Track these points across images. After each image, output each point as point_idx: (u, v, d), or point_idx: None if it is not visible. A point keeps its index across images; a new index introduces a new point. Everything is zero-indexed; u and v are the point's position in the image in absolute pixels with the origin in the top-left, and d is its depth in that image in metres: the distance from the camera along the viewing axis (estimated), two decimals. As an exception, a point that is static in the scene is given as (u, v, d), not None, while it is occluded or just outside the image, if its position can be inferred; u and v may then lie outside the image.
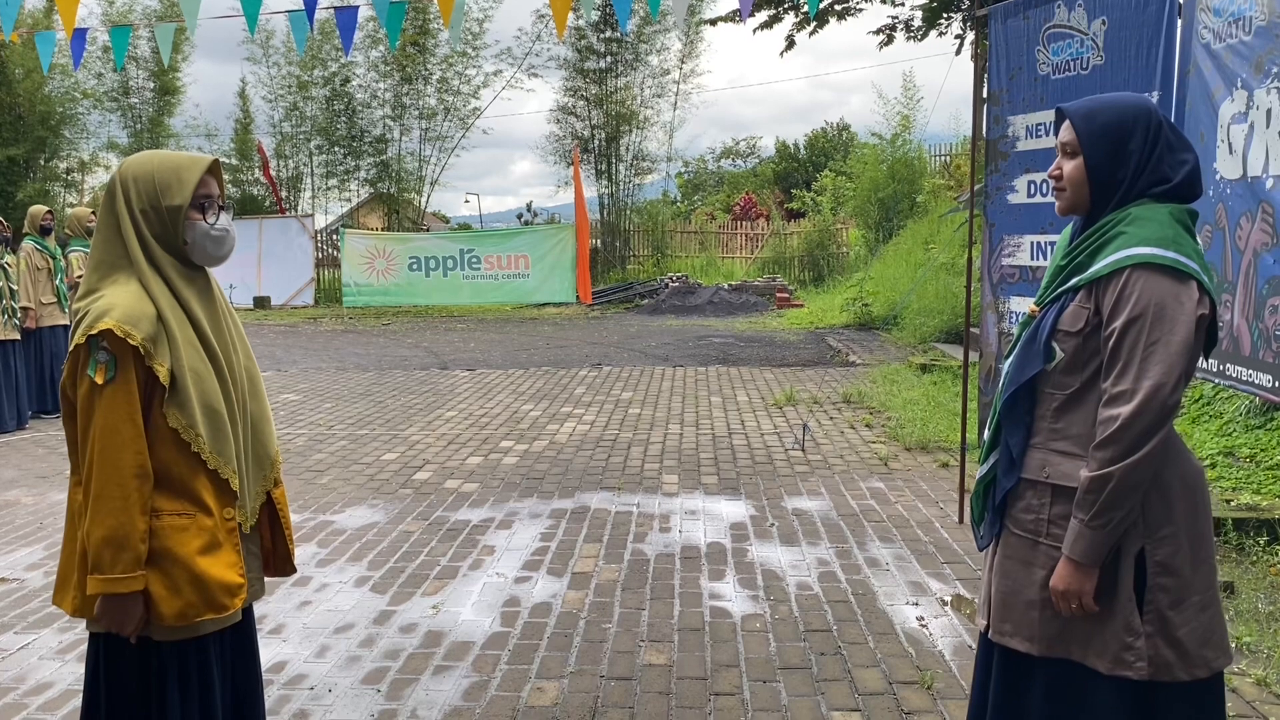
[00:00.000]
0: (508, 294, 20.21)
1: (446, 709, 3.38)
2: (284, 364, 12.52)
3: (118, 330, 2.11)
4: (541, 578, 4.64)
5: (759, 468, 6.68)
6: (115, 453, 2.11)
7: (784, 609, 4.21)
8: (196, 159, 2.33)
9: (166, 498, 2.18)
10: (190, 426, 2.18)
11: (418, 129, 23.54)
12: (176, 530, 2.17)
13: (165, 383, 2.16)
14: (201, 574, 2.17)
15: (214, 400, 2.24)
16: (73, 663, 3.77)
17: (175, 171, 2.28)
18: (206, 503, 2.22)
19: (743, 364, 11.85)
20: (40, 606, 4.34)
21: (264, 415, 2.44)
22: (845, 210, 22.52)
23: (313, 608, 4.31)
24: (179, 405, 2.18)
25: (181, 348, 2.20)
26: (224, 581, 2.21)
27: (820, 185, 24.64)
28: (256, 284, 20.98)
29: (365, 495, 6.14)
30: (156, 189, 2.26)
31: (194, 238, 2.30)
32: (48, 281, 8.78)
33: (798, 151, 41.87)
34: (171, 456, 2.18)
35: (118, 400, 2.12)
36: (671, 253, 23.86)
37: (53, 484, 6.53)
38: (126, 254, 2.24)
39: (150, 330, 2.16)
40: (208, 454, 2.20)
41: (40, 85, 22.72)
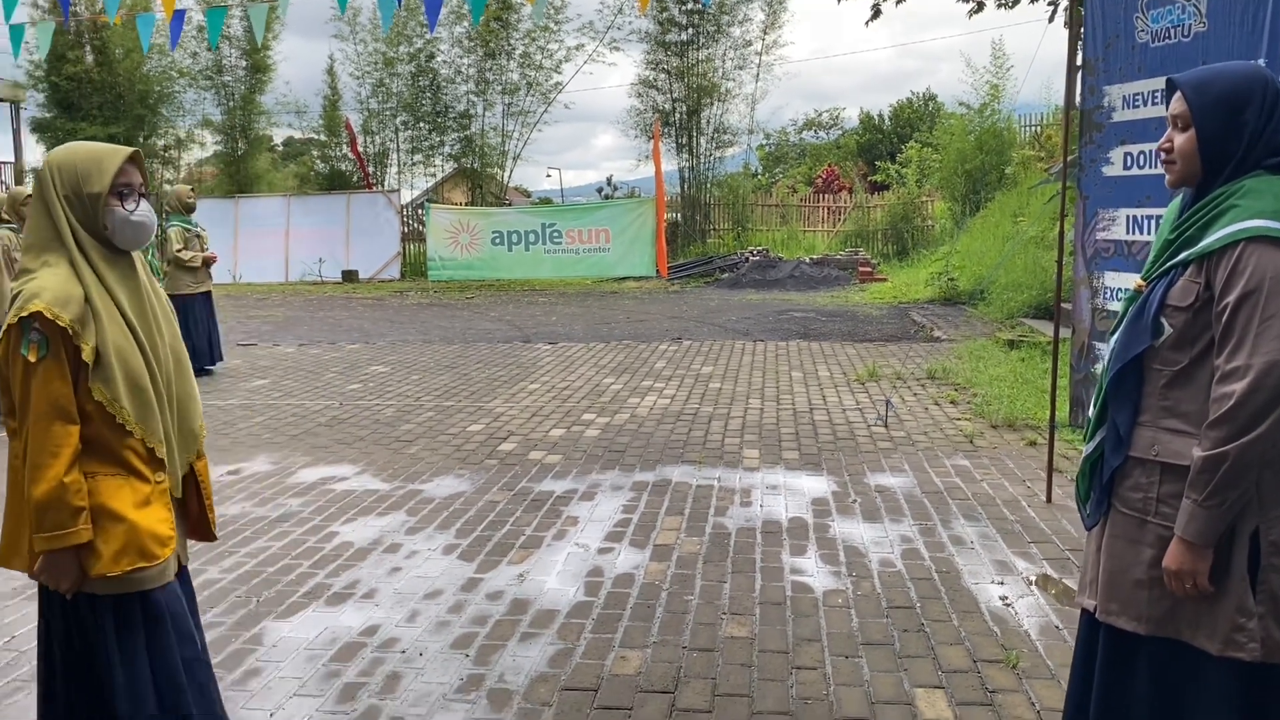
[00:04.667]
0: (588, 268, 20.32)
1: (533, 675, 3.46)
2: (372, 337, 12.81)
3: (47, 312, 2.28)
4: (624, 549, 4.70)
5: (841, 443, 6.64)
6: (48, 424, 2.29)
7: (866, 585, 4.20)
8: (116, 150, 2.49)
9: (100, 462, 2.39)
10: (115, 400, 2.36)
11: (500, 104, 23.74)
12: (112, 488, 2.38)
13: (89, 360, 2.33)
14: (134, 524, 2.37)
15: (138, 376, 2.42)
16: (179, 621, 3.94)
17: (96, 161, 2.45)
18: (138, 468, 2.43)
19: (824, 339, 11.75)
20: (148, 567, 4.55)
21: (189, 393, 2.62)
22: (931, 182, 22.08)
23: (403, 574, 4.43)
24: (104, 380, 2.35)
25: (107, 327, 2.37)
26: (155, 532, 2.41)
27: (905, 157, 24.19)
28: (345, 258, 21.44)
29: (452, 465, 6.28)
30: (78, 177, 2.43)
31: (113, 223, 2.45)
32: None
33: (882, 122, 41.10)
34: (100, 427, 2.38)
35: (50, 376, 2.30)
36: (752, 226, 23.69)
37: (156, 450, 6.81)
38: (57, 237, 2.40)
39: (78, 312, 2.33)
40: (132, 425, 2.40)
41: (139, 65, 23.48)
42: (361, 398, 8.56)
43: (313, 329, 13.79)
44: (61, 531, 2.29)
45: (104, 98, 23.41)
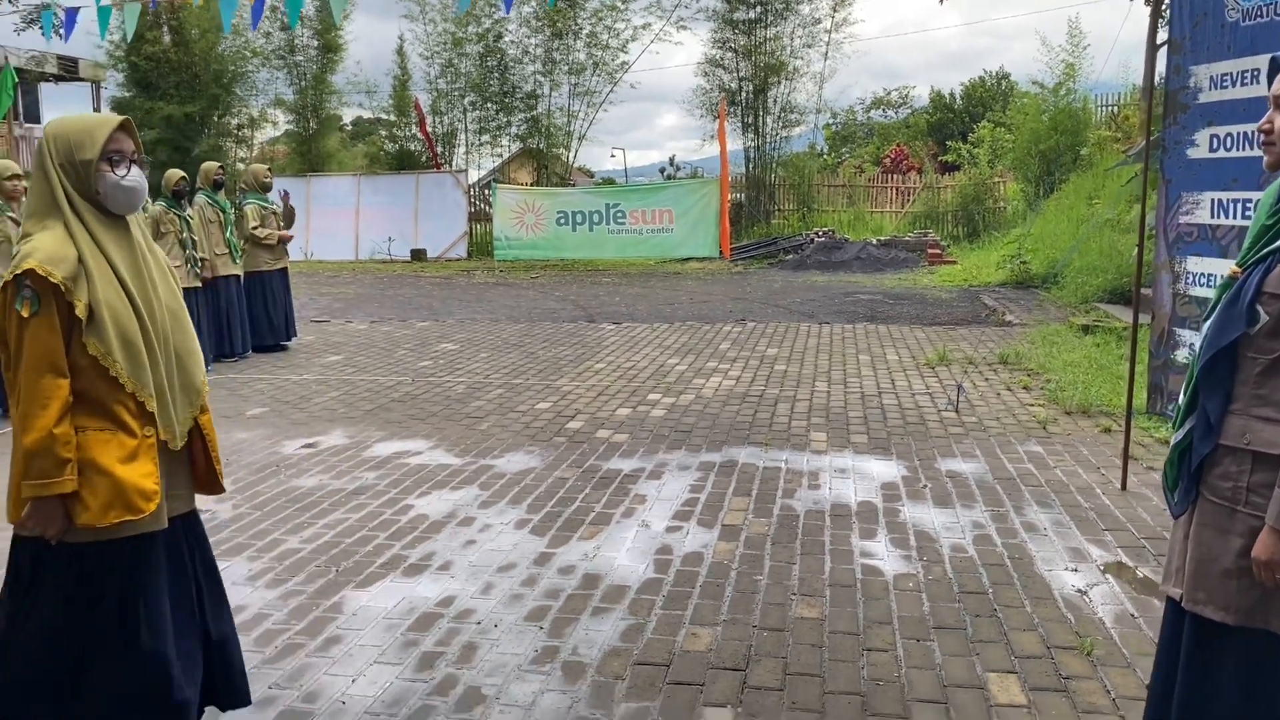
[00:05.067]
0: (651, 248, 20.31)
1: (606, 649, 3.52)
2: (441, 315, 12.98)
3: (39, 270, 2.42)
4: (692, 528, 4.74)
5: (910, 428, 6.59)
6: (38, 376, 2.43)
7: (938, 570, 4.18)
8: (108, 119, 2.61)
9: (90, 417, 2.50)
10: (107, 354, 2.48)
11: (567, 84, 23.79)
12: (100, 443, 2.50)
13: (83, 316, 2.46)
14: (120, 479, 2.49)
15: (130, 332, 2.52)
16: (262, 589, 4.09)
17: (88, 130, 2.58)
18: (127, 422, 2.53)
19: (892, 322, 11.63)
20: (230, 536, 4.71)
21: (188, 348, 2.72)
22: (1003, 163, 21.62)
23: (477, 547, 4.52)
24: (97, 335, 2.47)
25: (99, 286, 2.49)
26: (140, 486, 2.51)
27: (977, 137, 23.70)
28: (413, 237, 21.73)
29: (522, 442, 6.37)
30: (71, 145, 2.57)
31: (105, 188, 2.57)
32: (219, 234, 9.34)
33: (953, 101, 40.32)
34: (93, 382, 2.49)
35: (41, 331, 2.43)
36: (818, 207, 23.45)
37: (234, 422, 7.02)
38: (54, 202, 2.54)
39: (70, 270, 2.46)
40: (125, 378, 2.50)
41: (214, 45, 23.96)
42: (433, 374, 8.70)
43: (383, 306, 14.02)
44: (48, 480, 2.42)
45: (180, 77, 23.94)
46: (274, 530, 4.77)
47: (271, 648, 3.55)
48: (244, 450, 6.26)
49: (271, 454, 6.17)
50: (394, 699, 3.18)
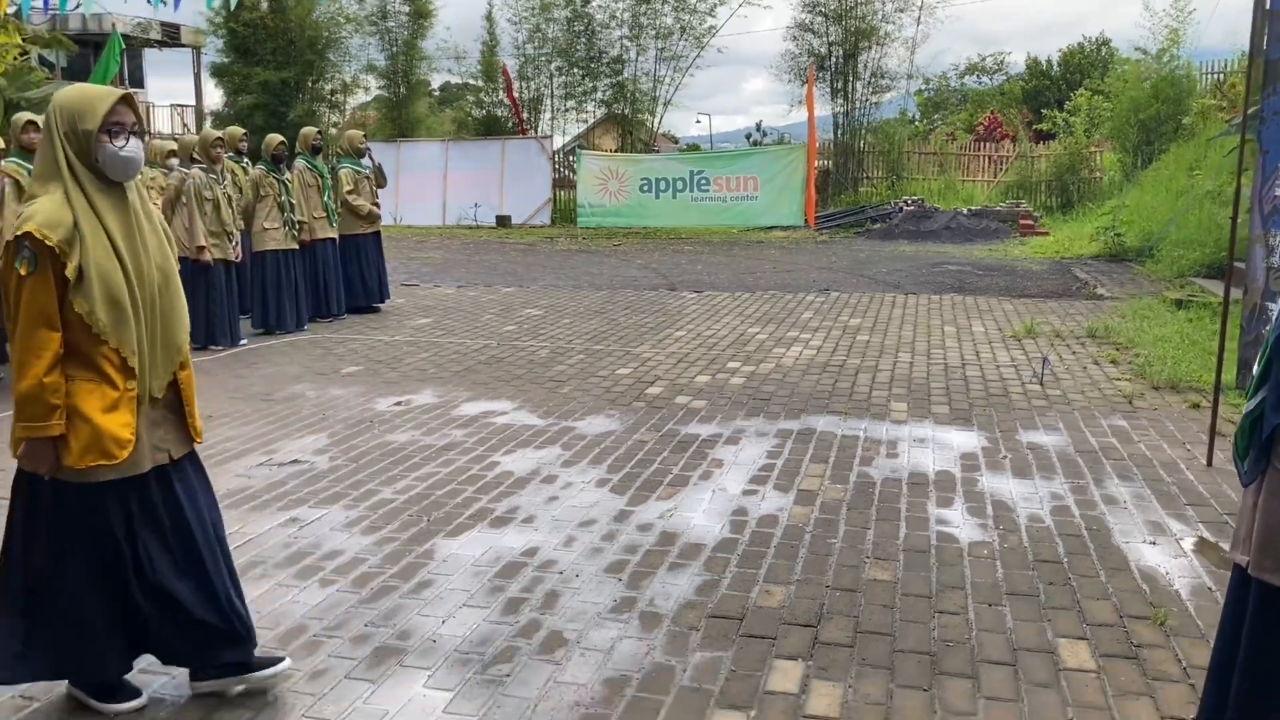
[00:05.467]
0: (735, 216, 20.27)
1: (681, 601, 3.65)
2: (525, 281, 13.22)
3: (37, 233, 2.63)
4: (768, 492, 4.83)
5: (993, 400, 6.56)
6: (33, 329, 2.66)
7: (1013, 538, 4.21)
8: (110, 92, 2.79)
9: (78, 367, 2.73)
10: (91, 312, 2.68)
11: (653, 49, 23.79)
12: (85, 392, 2.72)
13: (72, 278, 2.66)
14: (99, 426, 2.71)
15: (117, 293, 2.72)
16: (358, 535, 4.31)
17: (90, 102, 2.76)
18: (110, 375, 2.74)
19: (980, 293, 11.48)
20: (328, 486, 4.96)
21: (174, 308, 2.91)
22: (1100, 132, 21.00)
23: (559, 503, 4.69)
24: (83, 295, 2.68)
25: (91, 249, 2.68)
26: (116, 435, 2.73)
27: (1074, 105, 23.04)
28: (499, 203, 22.03)
29: (602, 405, 6.52)
30: (74, 116, 2.74)
31: (104, 157, 2.75)
32: (318, 198, 9.66)
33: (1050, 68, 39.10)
34: (81, 336, 2.71)
35: (37, 288, 2.65)
36: (907, 175, 23.09)
37: (330, 380, 7.31)
38: (57, 169, 2.73)
39: (65, 234, 2.66)
40: (107, 334, 2.71)
41: (309, 11, 24.51)
42: (517, 339, 8.91)
43: (469, 271, 14.32)
44: (38, 424, 2.67)
45: (276, 43, 24.56)
46: (369, 481, 5.01)
47: (367, 589, 3.76)
48: (340, 406, 6.54)
49: (365, 410, 6.43)
50: (481, 639, 3.36)
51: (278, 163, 9.15)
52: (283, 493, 4.85)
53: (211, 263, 8.29)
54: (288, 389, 7.04)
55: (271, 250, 9.02)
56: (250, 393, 6.94)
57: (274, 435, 5.87)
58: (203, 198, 8.25)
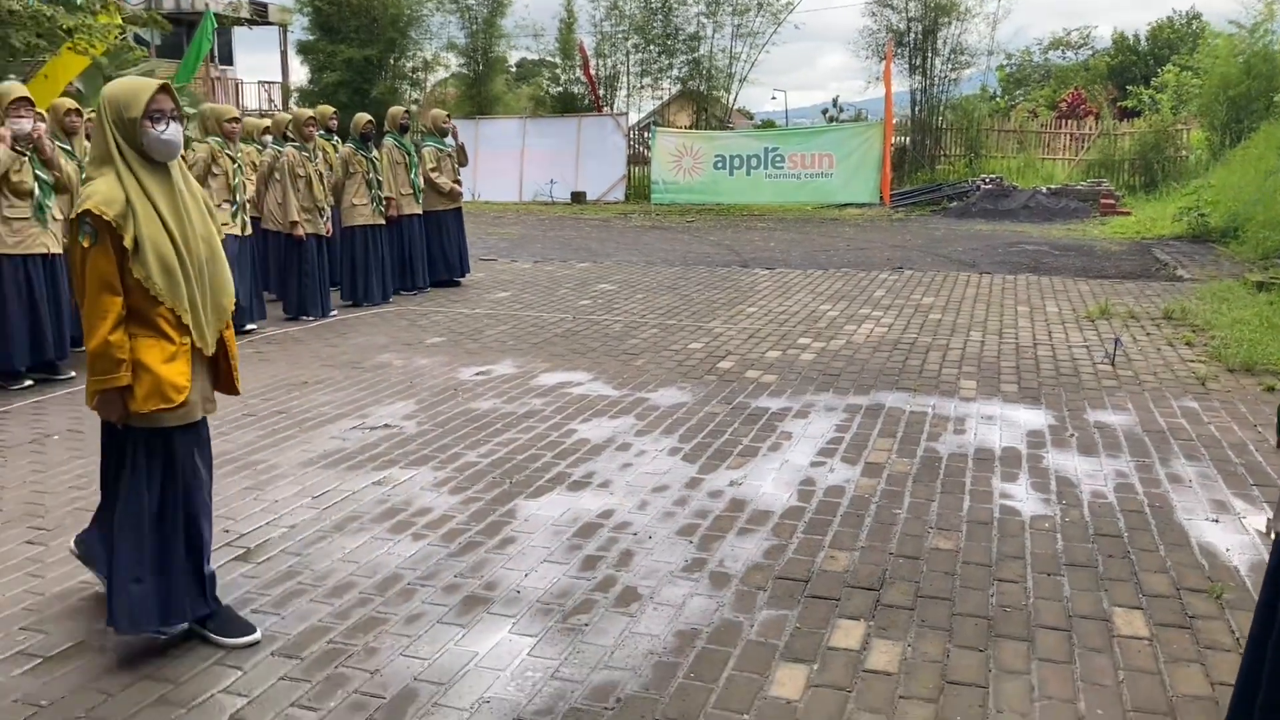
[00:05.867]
0: (809, 193, 20.22)
1: (749, 563, 3.85)
2: (599, 256, 13.45)
3: (95, 210, 2.98)
4: (836, 464, 4.99)
5: (1063, 379, 6.60)
6: (97, 294, 3.02)
7: (1075, 513, 4.31)
8: (150, 83, 3.11)
9: (139, 326, 3.09)
10: (148, 277, 3.04)
11: (730, 25, 23.75)
12: (146, 347, 3.09)
13: (130, 247, 3.01)
14: (160, 375, 3.08)
15: (169, 260, 3.08)
16: (446, 494, 4.59)
17: (134, 93, 3.07)
18: (167, 331, 3.11)
19: (1056, 273, 11.39)
20: (418, 448, 5.25)
21: (220, 273, 3.27)
22: (1188, 109, 20.44)
23: (633, 469, 4.92)
24: (140, 263, 3.03)
25: (143, 223, 3.04)
26: (174, 382, 3.10)
27: (1161, 81, 22.43)
28: (574, 180, 22.28)
29: (675, 378, 6.72)
30: (120, 105, 3.07)
31: (147, 141, 3.08)
32: (405, 175, 9.99)
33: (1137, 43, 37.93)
34: (140, 299, 3.07)
35: (98, 258, 3.01)
36: (985, 152, 22.73)
37: (415, 350, 7.64)
38: (109, 153, 3.08)
39: (120, 210, 3.01)
40: (162, 296, 3.07)
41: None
42: (592, 313, 9.15)
43: (545, 247, 14.60)
44: (107, 376, 3.03)
45: (360, 21, 25.10)
46: (454, 445, 5.30)
47: (455, 544, 4.03)
48: (425, 374, 6.85)
49: (449, 379, 6.73)
50: (561, 592, 3.61)
51: (366, 141, 9.49)
52: (376, 454, 5.16)
53: (304, 237, 8.67)
54: (376, 358, 7.39)
55: (359, 225, 9.38)
56: (341, 361, 7.30)
57: (365, 401, 6.20)
58: (296, 174, 8.62)
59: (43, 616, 3.47)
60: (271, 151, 9.00)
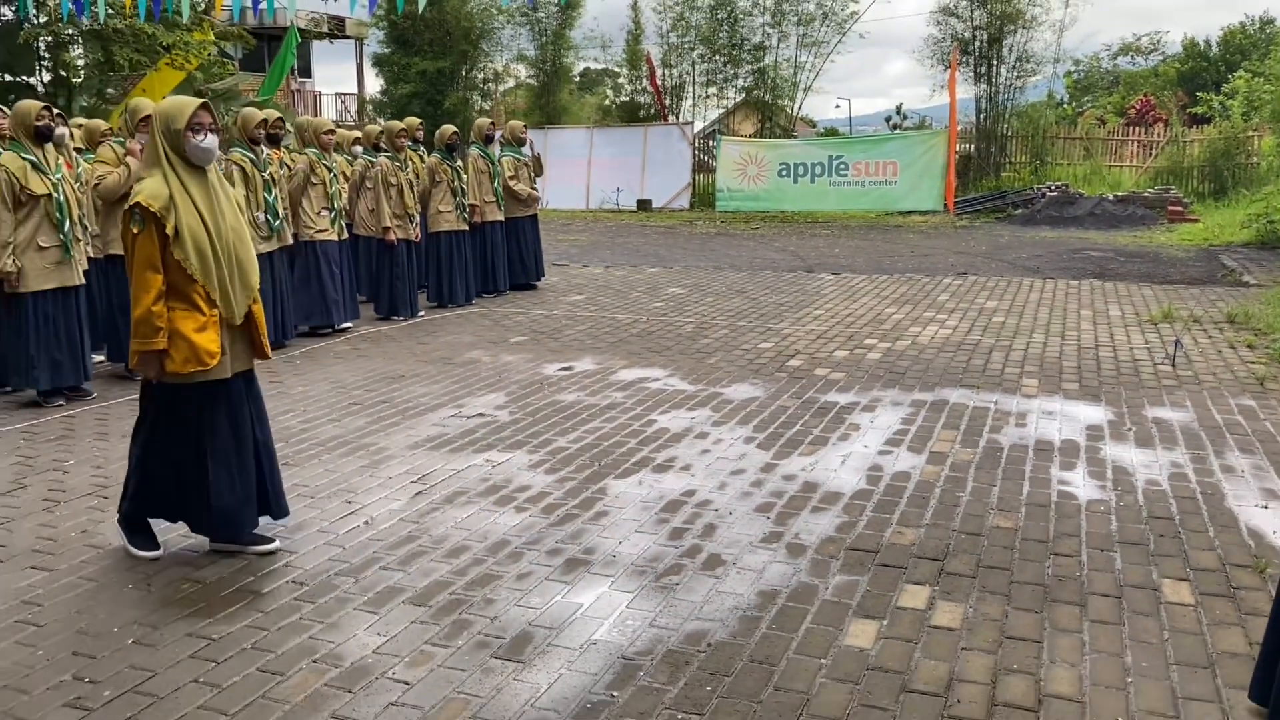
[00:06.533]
0: (874, 201, 20.42)
1: (822, 536, 4.21)
2: (667, 262, 13.86)
3: (144, 202, 3.69)
4: (902, 453, 5.32)
5: (1123, 378, 6.84)
6: (143, 271, 3.72)
7: (1129, 498, 4.60)
8: (193, 101, 3.81)
9: (177, 300, 3.77)
10: (186, 259, 3.73)
11: (795, 35, 24.03)
12: (183, 317, 3.77)
13: (170, 234, 3.70)
14: (194, 342, 3.76)
15: (202, 244, 3.76)
16: (541, 474, 5.02)
17: (179, 109, 3.78)
18: (200, 305, 3.79)
19: (1120, 279, 11.52)
20: (511, 435, 5.70)
21: (248, 257, 3.94)
22: (1260, 116, 20.23)
23: (711, 454, 5.30)
24: (179, 246, 3.72)
25: (183, 214, 3.72)
26: (207, 347, 3.79)
27: (1232, 87, 22.22)
28: (640, 187, 22.75)
29: (747, 375, 7.09)
30: (168, 119, 3.78)
31: (189, 149, 3.79)
32: (488, 184, 10.50)
33: (1208, 49, 37.41)
34: (179, 278, 3.76)
35: (145, 243, 3.71)
36: (1052, 160, 22.71)
37: (501, 348, 8.11)
38: (158, 157, 3.78)
39: (164, 203, 3.71)
40: (197, 275, 3.76)
41: (465, 3, 25.69)
42: (664, 314, 9.56)
43: (614, 253, 15.06)
44: (147, 340, 3.72)
45: (434, 34, 25.87)
46: (545, 432, 5.73)
47: (555, 515, 4.46)
48: (512, 370, 7.32)
49: (535, 374, 7.19)
50: (653, 557, 4.01)
51: (451, 151, 10.01)
52: (475, 439, 5.62)
53: (395, 242, 9.21)
54: (465, 355, 7.87)
55: (445, 231, 9.90)
56: (433, 357, 7.80)
57: (459, 393, 6.67)
58: (389, 183, 9.16)
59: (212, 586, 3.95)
60: (364, 161, 9.56)
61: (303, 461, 5.29)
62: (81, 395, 6.73)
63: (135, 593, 3.76)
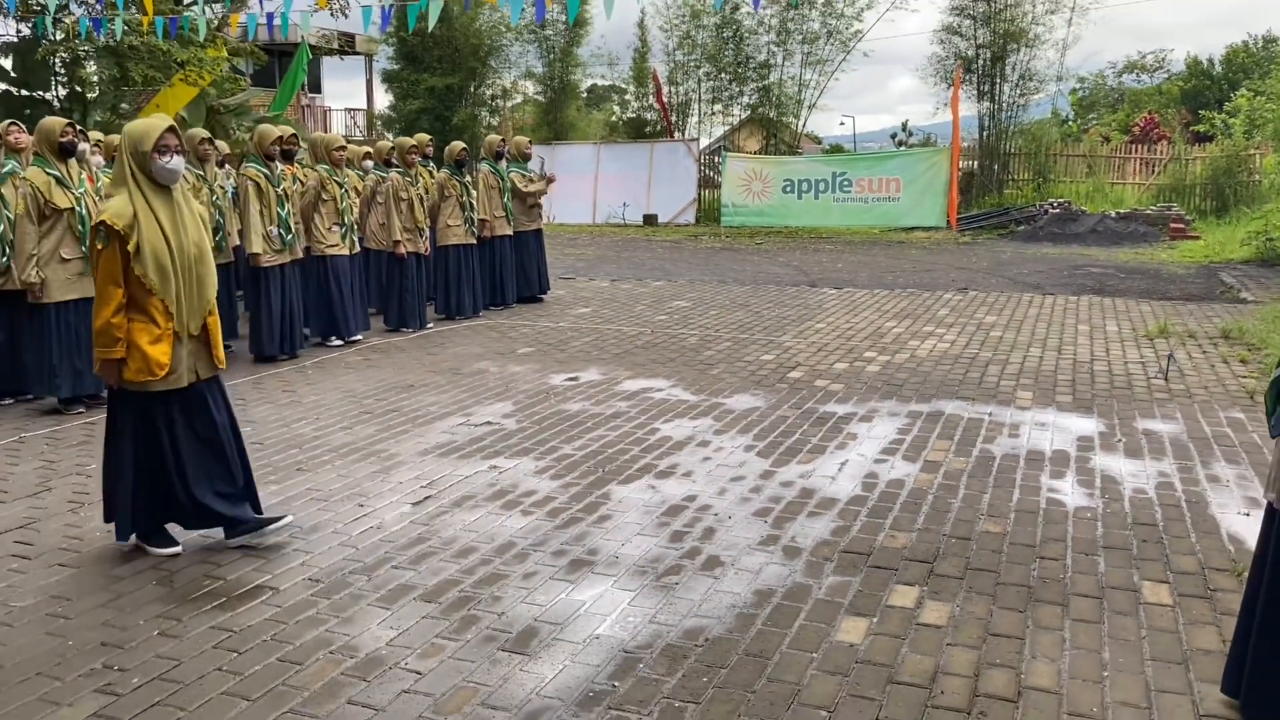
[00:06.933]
0: (877, 217, 20.60)
1: (817, 539, 4.37)
2: (672, 276, 14.05)
3: (109, 220, 3.93)
4: (897, 461, 5.48)
5: (1117, 391, 6.99)
6: (105, 284, 3.96)
7: (1116, 506, 4.75)
8: (160, 123, 4.03)
9: (136, 312, 4.00)
10: (145, 274, 3.96)
11: (800, 53, 24.26)
12: (139, 330, 4.00)
13: (132, 250, 3.93)
14: (146, 353, 3.99)
15: (163, 261, 4.00)
16: (547, 479, 5.19)
17: (147, 131, 4.01)
18: (156, 318, 4.02)
19: (1119, 295, 11.68)
20: (519, 442, 5.87)
21: (206, 272, 4.19)
22: (1262, 134, 20.42)
23: (712, 462, 5.47)
24: (140, 262, 3.96)
25: (145, 231, 3.96)
26: (157, 359, 4.01)
27: (1234, 105, 22.41)
28: (646, 203, 22.97)
29: (748, 386, 7.26)
30: (136, 140, 4.02)
31: (154, 169, 4.03)
32: (498, 199, 10.70)
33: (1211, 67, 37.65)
34: (138, 291, 3.99)
35: (108, 257, 3.95)
36: (1054, 177, 22.88)
37: (509, 359, 8.29)
38: (125, 176, 4.02)
39: (128, 221, 3.95)
40: (155, 289, 3.99)
41: (473, 20, 25.99)
42: (669, 327, 9.74)
43: (620, 267, 15.25)
44: (107, 349, 3.97)
45: (443, 51, 26.18)
46: (551, 440, 5.90)
47: (559, 519, 4.62)
48: (519, 380, 7.49)
49: (541, 384, 7.36)
50: (653, 558, 4.17)
51: (459, 166, 10.22)
52: (482, 446, 5.79)
53: (406, 255, 9.40)
54: (473, 365, 8.05)
55: (453, 245, 10.10)
56: (442, 368, 7.98)
57: (467, 402, 6.84)
58: (399, 198, 9.37)
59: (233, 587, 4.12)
60: (374, 176, 9.77)
61: (316, 467, 5.46)
62: (101, 403, 6.91)
63: (159, 588, 3.93)
